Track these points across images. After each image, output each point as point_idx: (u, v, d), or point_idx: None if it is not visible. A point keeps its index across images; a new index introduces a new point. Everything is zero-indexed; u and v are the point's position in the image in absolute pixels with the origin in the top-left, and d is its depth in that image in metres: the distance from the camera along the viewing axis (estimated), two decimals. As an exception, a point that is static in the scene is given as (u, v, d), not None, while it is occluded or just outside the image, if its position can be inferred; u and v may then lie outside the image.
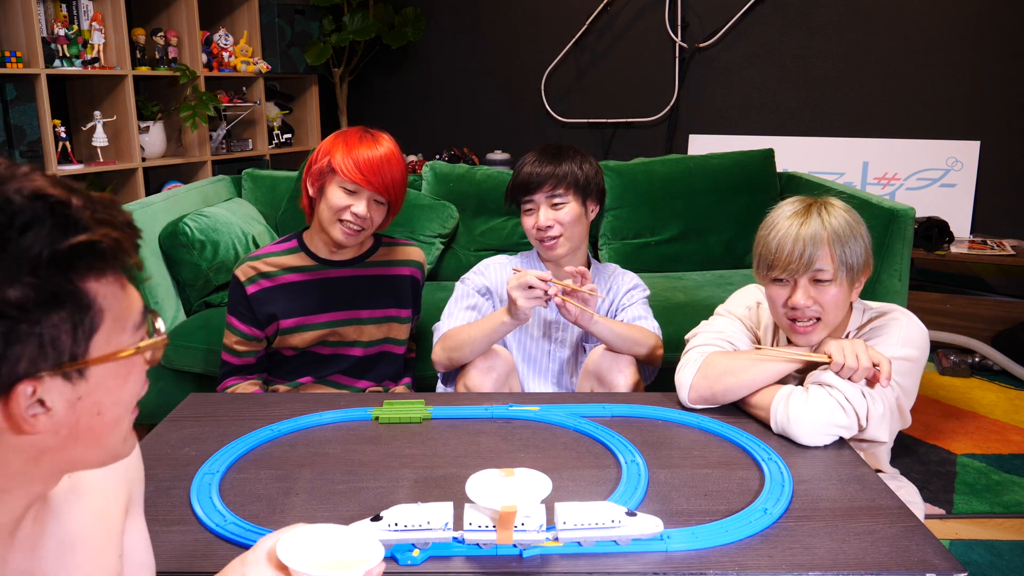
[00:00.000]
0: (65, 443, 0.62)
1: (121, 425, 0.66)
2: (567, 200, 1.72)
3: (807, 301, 1.31)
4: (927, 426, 2.61)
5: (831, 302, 1.32)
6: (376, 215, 1.70)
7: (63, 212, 0.57)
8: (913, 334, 1.36)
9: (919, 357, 1.36)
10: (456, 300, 1.79)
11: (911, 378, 1.37)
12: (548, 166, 1.72)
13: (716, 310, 1.57)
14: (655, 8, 4.11)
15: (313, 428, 1.38)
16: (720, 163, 2.88)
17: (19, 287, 0.54)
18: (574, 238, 1.75)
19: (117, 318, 0.62)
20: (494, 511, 0.97)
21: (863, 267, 1.35)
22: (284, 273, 1.77)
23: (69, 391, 0.60)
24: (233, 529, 1.03)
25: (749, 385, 1.36)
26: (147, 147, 3.64)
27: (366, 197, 1.67)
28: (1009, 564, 1.85)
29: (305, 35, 4.34)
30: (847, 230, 1.32)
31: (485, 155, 4.39)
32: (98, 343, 0.60)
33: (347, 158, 1.64)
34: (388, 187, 1.66)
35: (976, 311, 3.21)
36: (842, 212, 1.35)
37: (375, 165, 1.64)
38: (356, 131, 1.70)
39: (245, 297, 1.75)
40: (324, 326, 1.78)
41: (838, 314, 1.35)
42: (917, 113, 3.79)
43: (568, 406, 1.45)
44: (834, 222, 1.32)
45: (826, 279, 1.31)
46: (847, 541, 1.01)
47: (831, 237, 1.30)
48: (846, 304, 1.36)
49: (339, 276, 1.79)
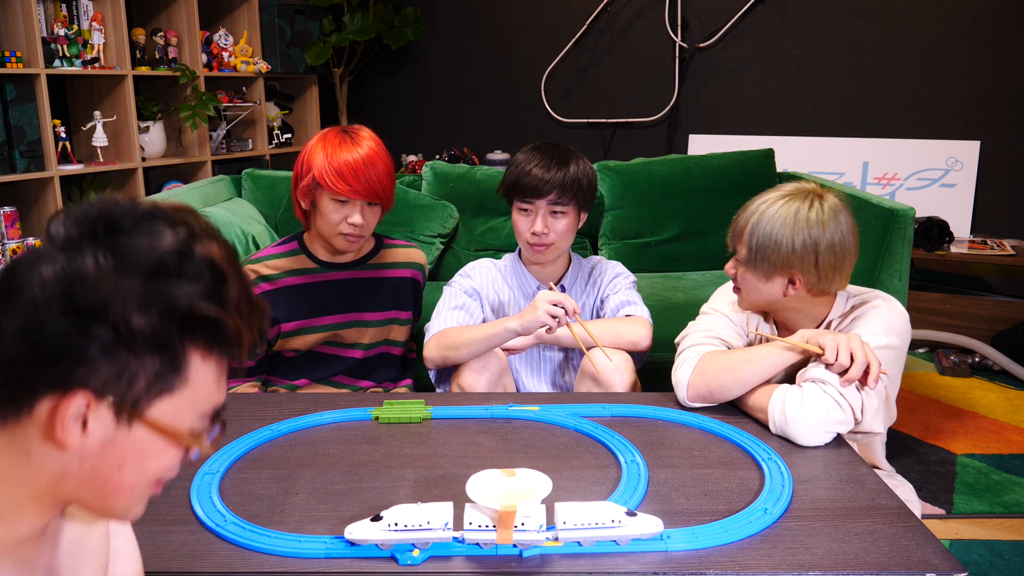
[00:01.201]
0: (82, 478, 0.63)
1: (134, 492, 0.65)
2: (567, 210, 1.71)
3: (731, 271, 1.45)
4: (927, 426, 2.61)
5: (745, 281, 1.41)
6: (371, 218, 1.70)
7: (219, 286, 0.62)
8: (895, 322, 1.36)
9: (901, 345, 1.36)
10: (445, 301, 1.78)
11: (895, 366, 1.37)
12: (556, 171, 1.68)
13: (701, 309, 1.57)
14: (655, 8, 4.11)
15: (313, 428, 1.38)
16: (720, 163, 2.88)
17: (146, 318, 0.58)
18: (563, 246, 1.75)
19: (193, 398, 0.63)
20: (494, 511, 0.97)
21: (777, 267, 1.35)
22: (285, 276, 1.76)
23: (111, 429, 0.61)
24: (233, 529, 1.03)
25: (746, 381, 1.36)
26: (147, 147, 3.64)
27: (359, 205, 1.66)
28: (1009, 564, 1.85)
29: (305, 35, 4.34)
30: (767, 228, 1.34)
31: (485, 155, 4.39)
32: (162, 407, 0.62)
33: (330, 169, 1.62)
34: (377, 191, 1.65)
35: (976, 311, 3.21)
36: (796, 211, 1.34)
37: (359, 171, 1.62)
38: (334, 134, 1.67)
39: None
40: (326, 329, 1.78)
41: (753, 293, 1.41)
42: (917, 113, 3.79)
43: (568, 406, 1.45)
44: (768, 214, 1.35)
45: (741, 258, 1.41)
46: (847, 541, 1.01)
47: (751, 226, 1.37)
48: (763, 291, 1.39)
49: (340, 279, 1.79)
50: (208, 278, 0.61)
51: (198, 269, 0.61)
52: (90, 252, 0.58)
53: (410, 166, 4.51)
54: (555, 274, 1.82)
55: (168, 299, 0.59)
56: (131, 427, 0.61)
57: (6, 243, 3.09)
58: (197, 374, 0.62)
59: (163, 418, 0.62)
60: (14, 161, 3.06)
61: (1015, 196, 3.69)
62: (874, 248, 2.07)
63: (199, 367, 0.62)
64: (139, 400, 0.60)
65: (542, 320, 1.53)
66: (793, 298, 1.39)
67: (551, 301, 1.54)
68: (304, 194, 1.70)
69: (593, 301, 1.83)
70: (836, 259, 1.34)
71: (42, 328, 0.57)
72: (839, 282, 1.37)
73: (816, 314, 1.43)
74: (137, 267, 0.59)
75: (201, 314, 0.60)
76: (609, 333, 1.67)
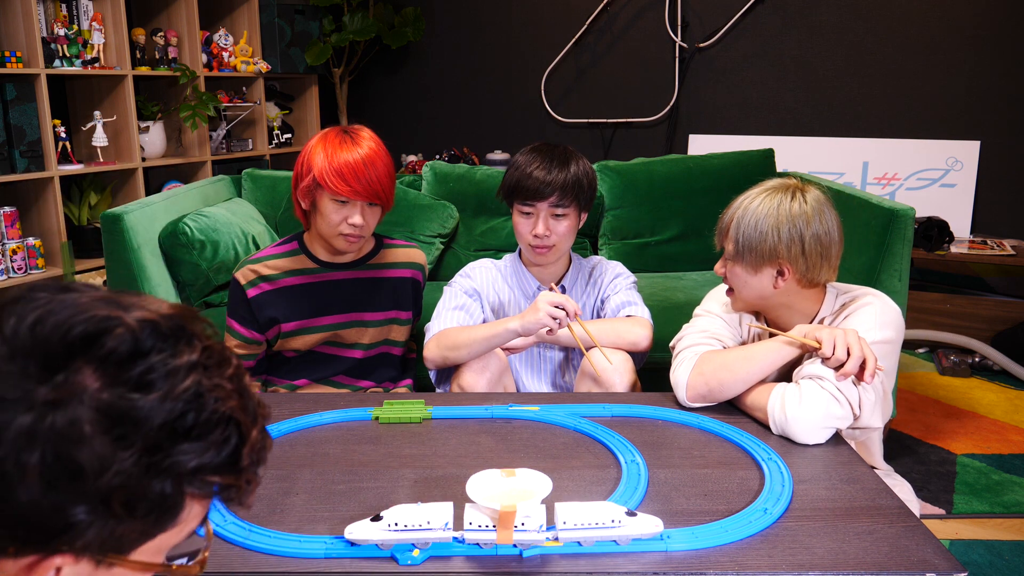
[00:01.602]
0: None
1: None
2: (568, 212, 1.71)
3: (721, 271, 1.46)
4: (927, 426, 2.61)
5: (735, 278, 1.43)
6: (371, 219, 1.69)
7: (236, 452, 0.55)
8: (888, 317, 1.37)
9: (896, 338, 1.37)
10: (445, 302, 1.78)
11: (890, 360, 1.38)
12: (557, 173, 1.67)
13: (695, 311, 1.58)
14: (655, 8, 4.11)
15: (313, 428, 1.38)
16: (720, 163, 2.88)
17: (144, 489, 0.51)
18: (564, 247, 1.76)
19: (180, 533, 0.57)
20: (494, 511, 0.97)
21: (764, 259, 1.37)
22: (285, 276, 1.76)
23: (88, 572, 0.54)
24: (233, 529, 1.03)
25: (745, 379, 1.37)
26: (147, 147, 3.64)
27: (359, 206, 1.65)
28: (1009, 564, 1.85)
29: (305, 35, 4.34)
30: (751, 221, 1.37)
31: (485, 155, 4.39)
32: (147, 547, 0.56)
33: (331, 169, 1.61)
34: (377, 192, 1.64)
35: (976, 311, 3.21)
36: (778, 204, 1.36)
37: (359, 172, 1.61)
38: (335, 134, 1.66)
39: (246, 300, 1.74)
40: (326, 329, 1.78)
41: (743, 290, 1.43)
42: (917, 113, 3.79)
43: (568, 406, 1.45)
44: (751, 208, 1.38)
45: (729, 254, 1.43)
46: (847, 541, 1.01)
47: (735, 219, 1.39)
48: (754, 286, 1.41)
49: (340, 279, 1.78)
50: (220, 439, 0.54)
51: (210, 430, 0.53)
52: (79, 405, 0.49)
53: (410, 166, 4.51)
54: (556, 274, 1.82)
55: (173, 468, 0.52)
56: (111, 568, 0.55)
57: (6, 243, 3.09)
58: (190, 515, 0.56)
59: (145, 556, 0.56)
60: (14, 161, 3.06)
61: (1015, 196, 3.69)
62: (874, 248, 2.07)
63: (194, 508, 0.56)
64: (123, 549, 0.54)
65: (543, 321, 1.53)
66: (784, 292, 1.40)
67: (552, 303, 1.54)
68: (304, 194, 1.69)
69: (594, 301, 1.83)
70: (822, 247, 1.36)
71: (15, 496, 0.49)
72: (827, 272, 1.39)
73: (807, 311, 1.44)
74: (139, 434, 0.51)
75: (211, 480, 0.54)
76: (610, 333, 1.67)
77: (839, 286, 1.47)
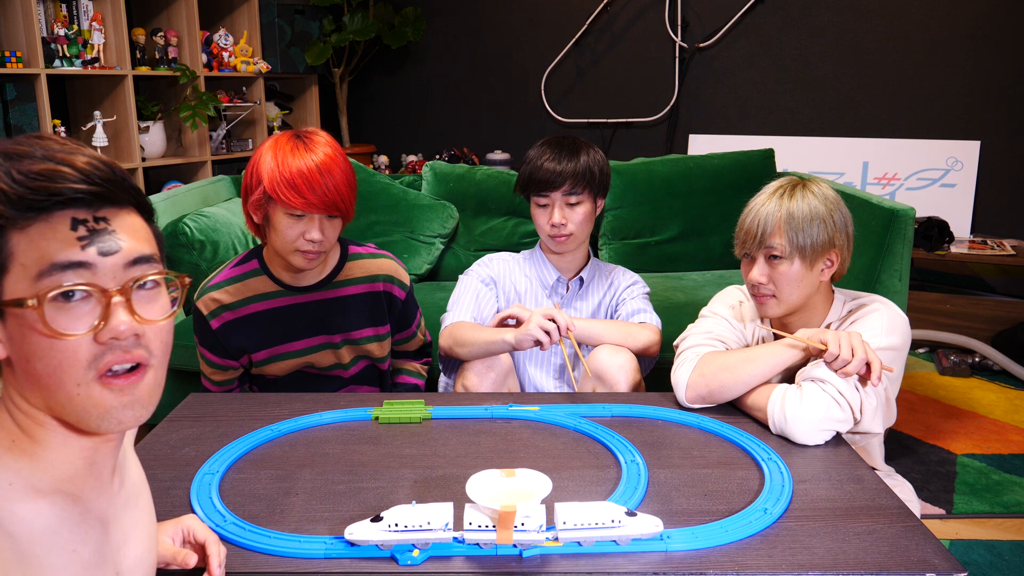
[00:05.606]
0: (25, 384, 0.65)
1: (63, 390, 0.64)
2: (583, 199, 1.75)
3: (762, 277, 1.40)
4: (927, 426, 2.61)
5: (782, 279, 1.38)
6: (331, 232, 1.52)
7: None
8: (896, 324, 1.37)
9: (902, 345, 1.38)
10: (461, 291, 1.83)
11: (895, 367, 1.38)
12: (567, 162, 1.72)
13: (701, 312, 1.58)
14: (655, 8, 4.11)
15: (313, 428, 1.38)
16: (720, 163, 2.88)
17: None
18: (583, 236, 1.80)
19: (24, 266, 0.63)
20: (494, 511, 0.97)
21: (822, 249, 1.38)
22: (247, 304, 1.62)
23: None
24: (233, 529, 1.03)
25: (746, 381, 1.36)
26: (147, 147, 3.64)
27: (316, 219, 1.49)
28: (1009, 564, 1.85)
29: (305, 35, 4.34)
30: (806, 212, 1.36)
31: (485, 155, 4.39)
32: (6, 287, 0.63)
33: (282, 180, 1.44)
34: (335, 202, 1.48)
35: (976, 311, 3.21)
36: (812, 196, 1.39)
37: (314, 181, 1.45)
38: (286, 139, 1.49)
39: (211, 332, 1.62)
40: (299, 354, 1.66)
41: (792, 291, 1.40)
42: (917, 113, 3.79)
43: (568, 406, 1.45)
44: (794, 204, 1.37)
45: (777, 255, 1.38)
46: (847, 541, 1.01)
47: (785, 217, 1.36)
48: (804, 283, 1.39)
49: (307, 301, 1.64)
50: None
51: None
52: None
53: (410, 166, 4.51)
54: (575, 265, 1.86)
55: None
56: (5, 318, 0.63)
57: (6, 243, 3.09)
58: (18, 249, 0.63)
59: (7, 296, 0.63)
60: (14, 161, 3.06)
61: (1015, 196, 3.69)
62: (874, 248, 2.07)
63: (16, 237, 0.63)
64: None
65: (534, 335, 1.56)
66: (818, 289, 1.43)
67: (545, 315, 1.57)
68: (255, 208, 1.52)
69: (609, 300, 1.87)
70: (852, 230, 1.43)
71: None
72: (849, 261, 1.44)
73: (820, 315, 1.45)
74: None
75: None
76: (621, 333, 1.71)
77: (847, 292, 1.48)
